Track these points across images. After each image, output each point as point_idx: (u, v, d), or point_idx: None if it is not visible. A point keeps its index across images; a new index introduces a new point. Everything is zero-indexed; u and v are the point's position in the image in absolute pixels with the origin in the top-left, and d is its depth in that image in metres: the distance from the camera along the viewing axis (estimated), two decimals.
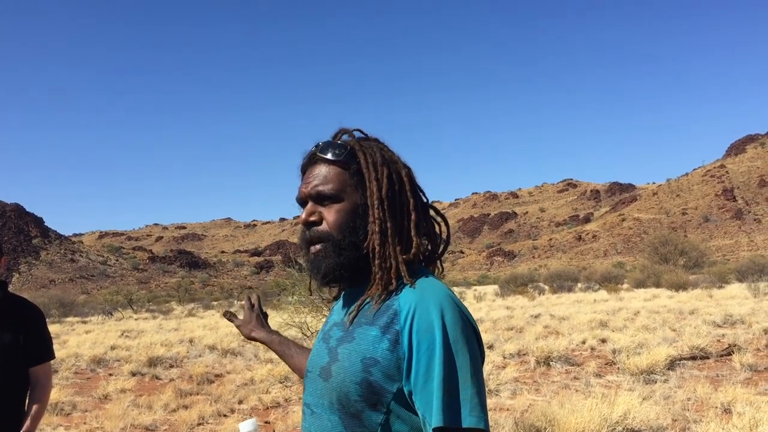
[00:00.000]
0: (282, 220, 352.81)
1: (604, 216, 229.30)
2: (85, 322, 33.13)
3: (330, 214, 1.47)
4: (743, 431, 5.84)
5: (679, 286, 35.10)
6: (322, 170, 1.50)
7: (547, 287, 47.69)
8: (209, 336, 19.06)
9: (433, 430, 1.28)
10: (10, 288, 3.25)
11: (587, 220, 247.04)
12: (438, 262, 1.58)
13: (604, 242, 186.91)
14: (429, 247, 1.55)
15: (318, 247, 1.48)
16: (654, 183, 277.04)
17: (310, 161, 1.54)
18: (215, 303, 58.26)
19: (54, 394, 9.79)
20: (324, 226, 1.48)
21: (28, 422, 3.08)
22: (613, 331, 15.65)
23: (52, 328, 25.66)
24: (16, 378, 3.10)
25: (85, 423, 8.69)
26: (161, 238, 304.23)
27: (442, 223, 1.59)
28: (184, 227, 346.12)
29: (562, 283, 47.27)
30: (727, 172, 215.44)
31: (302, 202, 1.53)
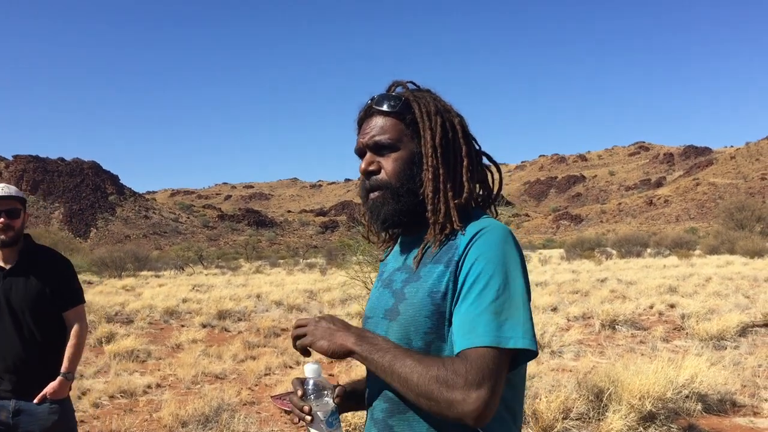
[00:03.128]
0: (347, 180, 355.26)
1: (678, 180, 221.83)
2: (158, 276, 34.39)
3: (388, 163, 1.54)
4: None
5: (755, 253, 33.79)
6: (378, 121, 1.55)
7: (614, 252, 46.64)
8: (276, 292, 19.53)
9: (473, 349, 1.31)
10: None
11: (659, 184, 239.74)
12: (492, 206, 1.64)
13: (677, 207, 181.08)
14: (482, 193, 1.62)
15: (377, 194, 1.55)
16: (732, 146, 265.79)
17: (367, 114, 1.59)
18: (281, 261, 59.47)
19: (129, 343, 10.26)
20: (382, 175, 1.54)
21: (65, 362, 3.25)
22: (682, 296, 15.26)
23: (128, 281, 26.76)
24: (49, 323, 3.26)
25: (159, 370, 9.09)
26: (230, 197, 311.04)
27: (495, 170, 1.64)
28: (252, 186, 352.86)
29: (631, 248, 46.11)
30: None
31: (360, 152, 1.59)
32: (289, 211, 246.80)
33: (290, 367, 9.19)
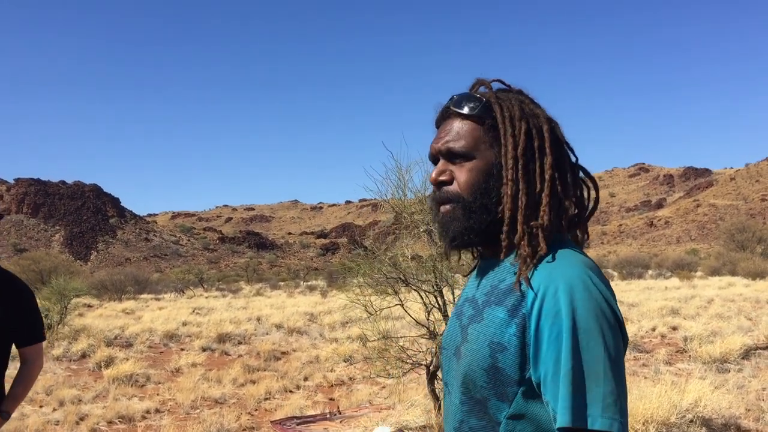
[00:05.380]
0: (348, 202, 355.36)
1: (678, 201, 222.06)
2: (158, 299, 34.28)
3: (461, 174, 1.36)
4: None
5: (757, 275, 33.71)
6: (455, 125, 1.38)
7: (616, 274, 46.59)
8: (276, 315, 19.46)
9: (558, 430, 1.16)
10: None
11: (660, 205, 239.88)
12: (580, 228, 1.42)
13: (678, 229, 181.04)
14: (575, 212, 1.39)
15: (447, 207, 1.37)
16: (732, 168, 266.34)
17: (444, 116, 1.42)
18: (282, 283, 59.27)
19: (129, 367, 10.21)
20: (454, 186, 1.36)
21: (6, 401, 2.88)
22: (684, 318, 15.19)
23: (128, 305, 26.68)
24: None
25: (158, 394, 9.02)
26: (230, 219, 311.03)
27: (591, 185, 1.43)
28: (253, 209, 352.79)
29: (632, 269, 46.07)
30: None
31: (434, 159, 1.42)
32: (289, 233, 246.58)
33: (290, 391, 9.13)
